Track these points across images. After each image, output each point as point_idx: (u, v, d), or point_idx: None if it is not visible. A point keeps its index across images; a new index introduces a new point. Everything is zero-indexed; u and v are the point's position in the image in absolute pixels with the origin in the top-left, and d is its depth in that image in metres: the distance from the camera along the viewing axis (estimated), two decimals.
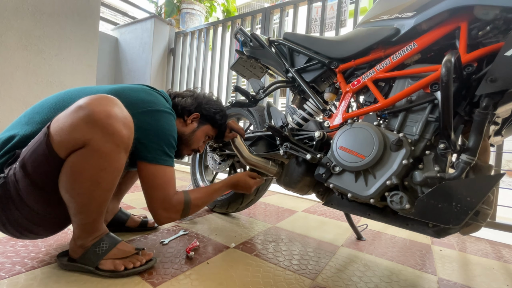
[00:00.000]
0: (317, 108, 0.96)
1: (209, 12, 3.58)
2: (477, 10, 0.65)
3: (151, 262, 0.78)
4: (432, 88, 0.67)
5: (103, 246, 0.73)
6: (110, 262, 0.72)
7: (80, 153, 0.60)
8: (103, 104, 0.61)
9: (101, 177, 0.64)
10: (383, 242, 1.15)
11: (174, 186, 0.81)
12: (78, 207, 0.66)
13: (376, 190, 0.68)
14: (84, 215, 0.68)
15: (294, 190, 0.94)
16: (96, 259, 0.71)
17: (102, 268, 0.72)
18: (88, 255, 0.71)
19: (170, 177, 0.79)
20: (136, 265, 0.74)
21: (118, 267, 0.72)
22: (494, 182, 0.57)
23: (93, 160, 0.61)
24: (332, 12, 1.97)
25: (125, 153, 0.67)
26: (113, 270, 0.72)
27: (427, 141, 0.68)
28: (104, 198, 0.68)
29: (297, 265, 0.88)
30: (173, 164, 0.81)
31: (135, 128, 0.70)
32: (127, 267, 0.73)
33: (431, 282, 0.85)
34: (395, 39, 0.78)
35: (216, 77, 2.62)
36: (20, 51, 1.87)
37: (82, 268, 0.72)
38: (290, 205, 1.66)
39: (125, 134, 0.64)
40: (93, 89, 0.79)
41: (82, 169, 0.61)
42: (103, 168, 0.63)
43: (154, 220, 0.85)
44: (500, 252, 1.16)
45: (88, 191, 0.64)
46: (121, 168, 0.68)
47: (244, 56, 1.20)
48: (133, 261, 0.75)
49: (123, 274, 0.72)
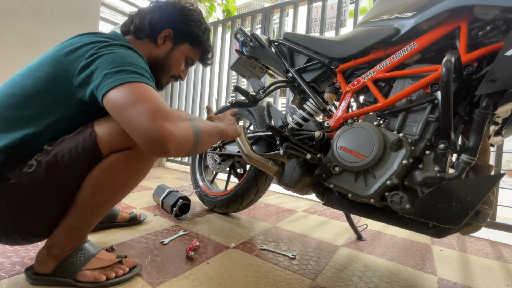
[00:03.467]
0: (317, 108, 0.96)
1: (209, 12, 3.58)
2: (477, 10, 0.65)
3: (136, 270, 0.73)
4: (432, 88, 0.67)
5: (81, 256, 0.67)
6: (89, 274, 0.67)
7: (124, 153, 0.62)
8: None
9: (131, 180, 0.66)
10: (383, 242, 1.15)
11: (166, 103, 0.59)
12: (90, 206, 0.64)
13: (376, 190, 0.68)
14: (87, 218, 0.66)
15: (294, 190, 0.94)
16: (74, 271, 0.66)
17: (81, 280, 0.66)
18: (64, 267, 0.66)
19: (154, 93, 0.57)
20: (118, 274, 0.69)
21: (98, 277, 0.66)
22: (494, 182, 0.57)
23: (133, 163, 0.63)
24: (332, 12, 1.97)
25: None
26: (93, 281, 0.66)
27: (427, 141, 0.68)
28: (115, 203, 0.69)
29: (297, 265, 0.88)
30: (153, 85, 0.61)
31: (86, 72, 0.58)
32: (108, 277, 0.68)
33: (431, 282, 0.85)
34: (395, 39, 0.78)
35: (216, 77, 2.62)
36: (20, 51, 1.87)
37: (58, 282, 0.66)
38: (290, 205, 1.66)
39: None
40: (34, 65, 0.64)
41: (119, 168, 0.62)
42: (137, 171, 0.65)
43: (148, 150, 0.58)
44: (500, 252, 1.16)
45: (113, 190, 0.64)
46: (148, 171, 0.69)
47: (244, 56, 1.20)
48: (115, 271, 0.69)
49: (106, 285, 0.67)
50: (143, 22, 0.76)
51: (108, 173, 0.62)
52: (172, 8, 0.79)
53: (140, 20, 0.77)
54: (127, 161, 0.62)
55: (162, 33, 0.77)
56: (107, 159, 0.61)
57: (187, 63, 0.85)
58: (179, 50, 0.81)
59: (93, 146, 0.60)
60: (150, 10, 0.78)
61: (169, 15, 0.78)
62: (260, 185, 1.21)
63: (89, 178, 0.62)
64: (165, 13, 0.78)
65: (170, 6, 0.79)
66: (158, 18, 0.77)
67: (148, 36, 0.78)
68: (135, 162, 0.63)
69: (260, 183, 1.21)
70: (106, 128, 0.61)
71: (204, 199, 1.42)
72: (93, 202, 0.64)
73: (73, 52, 0.61)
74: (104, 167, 0.61)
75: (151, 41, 0.78)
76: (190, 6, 0.82)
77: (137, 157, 0.62)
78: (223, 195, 1.31)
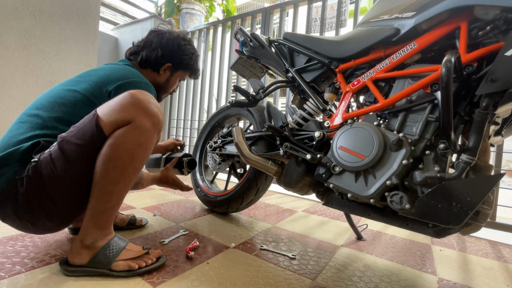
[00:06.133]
0: (317, 108, 0.96)
1: (209, 12, 3.58)
2: (477, 10, 0.65)
3: (161, 260, 0.80)
4: (432, 88, 0.67)
5: (113, 248, 0.73)
6: (123, 263, 0.73)
7: (124, 128, 0.70)
8: (145, 94, 0.75)
9: (136, 152, 0.72)
10: (383, 242, 1.15)
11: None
12: (107, 184, 0.70)
13: (376, 190, 0.68)
14: (107, 198, 0.71)
15: (294, 190, 0.94)
16: (108, 262, 0.72)
17: (116, 269, 0.72)
18: (99, 259, 0.71)
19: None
20: (148, 263, 0.76)
21: (132, 266, 0.73)
22: (494, 182, 0.57)
23: (134, 135, 0.71)
24: (332, 12, 1.97)
25: (157, 135, 0.78)
26: (128, 270, 0.73)
27: (427, 141, 0.68)
28: (129, 180, 0.74)
29: (297, 265, 0.88)
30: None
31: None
32: (140, 266, 0.74)
33: (431, 282, 0.85)
34: (395, 39, 0.78)
35: (216, 77, 2.62)
36: (20, 51, 1.87)
37: (94, 272, 0.71)
38: (290, 205, 1.66)
39: (160, 117, 0.76)
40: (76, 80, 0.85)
41: (124, 141, 0.70)
42: (141, 143, 0.73)
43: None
44: (500, 252, 1.16)
45: (123, 164, 0.71)
46: (151, 147, 0.77)
47: (244, 56, 1.20)
48: (145, 260, 0.76)
49: (138, 272, 0.73)
50: (150, 57, 0.99)
51: (114, 147, 0.69)
52: (171, 45, 1.02)
53: (147, 55, 0.99)
54: (129, 133, 0.71)
55: (163, 66, 1.01)
56: (112, 135, 0.70)
57: (179, 81, 1.12)
58: (175, 76, 1.07)
59: (97, 125, 0.69)
60: (154, 48, 0.99)
61: (170, 52, 1.01)
62: (260, 185, 1.21)
63: (100, 157, 0.69)
64: (167, 50, 1.01)
65: (170, 44, 1.01)
66: (161, 55, 1.00)
67: (151, 67, 1.01)
68: (135, 133, 0.71)
69: (260, 183, 1.21)
70: (105, 109, 0.72)
71: (204, 199, 1.42)
72: (109, 179, 0.70)
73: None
74: (110, 142, 0.70)
75: (153, 70, 1.01)
76: (184, 41, 1.05)
77: (136, 129, 0.71)
78: (223, 195, 1.31)
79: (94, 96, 0.81)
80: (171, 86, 1.08)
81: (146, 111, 0.73)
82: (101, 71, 0.87)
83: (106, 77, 0.84)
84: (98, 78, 0.84)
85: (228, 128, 1.39)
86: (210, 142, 1.39)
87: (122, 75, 0.86)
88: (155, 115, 0.75)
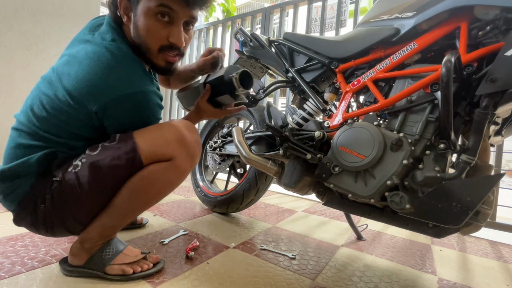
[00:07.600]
0: (317, 108, 0.96)
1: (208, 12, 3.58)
2: (477, 10, 0.65)
3: (159, 265, 0.78)
4: (432, 88, 0.67)
5: (110, 250, 0.72)
6: (117, 267, 0.72)
7: (162, 166, 0.68)
8: (192, 131, 0.72)
9: (165, 189, 0.71)
10: (383, 242, 1.15)
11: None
12: (126, 209, 0.69)
13: (376, 190, 0.68)
14: (120, 219, 0.71)
15: (294, 190, 0.94)
16: (103, 264, 0.71)
17: (110, 273, 0.71)
18: (94, 260, 0.71)
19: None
20: (143, 269, 0.74)
21: (126, 270, 0.71)
22: (494, 182, 0.57)
23: (170, 173, 0.69)
24: (332, 12, 1.97)
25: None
26: (121, 274, 0.71)
27: (427, 141, 0.68)
28: (147, 208, 0.73)
29: (297, 265, 0.88)
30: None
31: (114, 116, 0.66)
32: (135, 271, 0.72)
33: (431, 282, 0.85)
34: (395, 39, 0.78)
35: None
36: (20, 51, 1.87)
37: (89, 274, 0.71)
38: (290, 205, 1.66)
39: (198, 156, 0.74)
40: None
41: (157, 178, 0.68)
42: (172, 182, 0.71)
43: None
44: (500, 252, 1.16)
45: (148, 197, 0.70)
46: (180, 184, 0.75)
47: (244, 56, 1.20)
48: (141, 265, 0.74)
49: (132, 278, 0.72)
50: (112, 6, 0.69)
51: (146, 181, 0.67)
52: None
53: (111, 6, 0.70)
54: (165, 172, 0.68)
55: (119, 4, 0.67)
56: (147, 168, 0.67)
57: (169, 21, 0.67)
58: (140, 10, 0.65)
59: (136, 157, 0.65)
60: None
61: None
62: (260, 185, 1.21)
63: (129, 183, 0.67)
64: None
65: None
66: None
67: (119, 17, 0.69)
68: (171, 172, 0.69)
69: (260, 183, 1.21)
70: (146, 138, 0.67)
71: (204, 199, 1.42)
72: (129, 206, 0.69)
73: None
74: (144, 175, 0.67)
75: (123, 22, 0.70)
76: None
77: (174, 168, 0.69)
78: (223, 195, 1.31)
79: (73, 109, 0.64)
80: (145, 30, 0.66)
81: (189, 150, 0.69)
82: (73, 65, 0.64)
83: (85, 87, 0.61)
84: (71, 84, 0.62)
85: (228, 128, 1.39)
86: (210, 142, 1.39)
87: (105, 84, 0.62)
88: (195, 156, 0.71)
